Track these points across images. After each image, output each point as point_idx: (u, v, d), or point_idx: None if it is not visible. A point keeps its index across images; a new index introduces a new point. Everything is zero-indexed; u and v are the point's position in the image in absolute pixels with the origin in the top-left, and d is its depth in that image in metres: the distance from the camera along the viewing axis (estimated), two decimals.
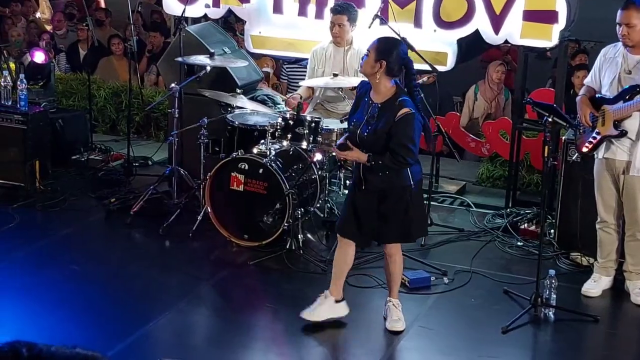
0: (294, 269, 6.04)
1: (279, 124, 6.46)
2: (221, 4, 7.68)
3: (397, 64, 4.83)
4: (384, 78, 4.83)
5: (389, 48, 4.85)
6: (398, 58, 4.83)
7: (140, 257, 6.29)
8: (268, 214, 6.13)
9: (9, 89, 7.46)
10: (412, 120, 4.77)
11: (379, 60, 4.79)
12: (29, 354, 1.18)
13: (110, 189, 7.46)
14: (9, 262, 6.05)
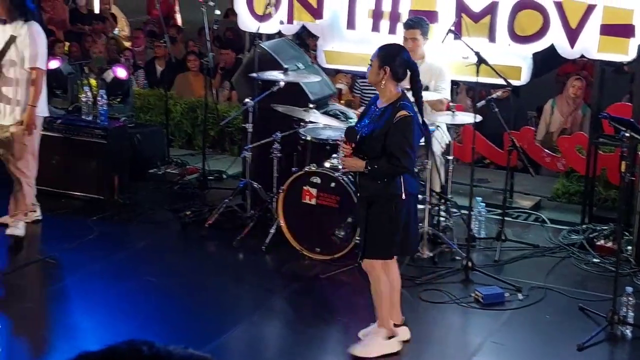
0: (365, 283, 6.03)
1: None
2: (295, 21, 7.76)
3: (401, 68, 4.85)
4: (389, 83, 4.85)
5: (392, 54, 4.91)
6: (401, 62, 4.86)
7: (214, 270, 6.39)
8: (340, 228, 6.16)
9: (90, 104, 7.66)
10: (410, 124, 4.75)
11: (382, 67, 4.83)
12: (149, 352, 1.19)
13: (186, 202, 7.59)
14: (88, 273, 6.20)
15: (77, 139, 7.51)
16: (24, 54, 6.38)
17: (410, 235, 4.99)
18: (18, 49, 6.37)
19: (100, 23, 13.54)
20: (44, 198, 7.17)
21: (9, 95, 6.44)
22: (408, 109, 4.78)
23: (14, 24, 6.38)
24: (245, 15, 7.97)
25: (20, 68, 6.42)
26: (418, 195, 5.12)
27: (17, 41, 6.36)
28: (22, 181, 6.54)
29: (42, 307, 5.79)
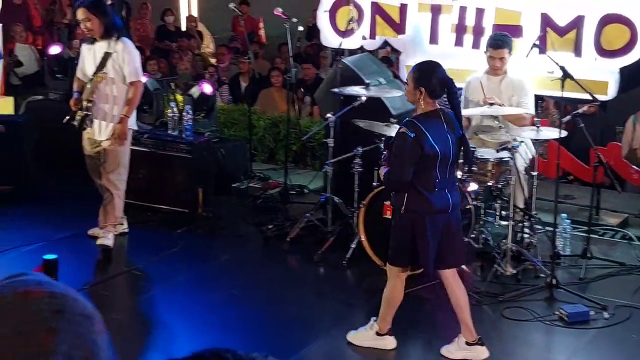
0: (446, 299, 5.99)
1: None
2: (377, 36, 7.78)
3: (437, 86, 4.90)
4: (426, 102, 4.91)
5: (426, 74, 4.95)
6: (437, 81, 4.90)
7: (295, 283, 6.43)
8: None
9: (176, 119, 7.82)
10: (402, 140, 4.86)
11: (418, 88, 4.90)
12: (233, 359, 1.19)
13: (268, 216, 7.66)
14: (172, 284, 6.32)
15: (163, 154, 7.67)
16: (123, 70, 6.52)
17: (421, 251, 4.99)
18: (114, 65, 6.52)
19: (187, 40, 13.81)
20: (130, 211, 7.33)
21: (105, 111, 6.58)
22: (410, 126, 4.85)
23: (106, 41, 6.53)
24: (327, 31, 8.03)
25: (119, 84, 6.55)
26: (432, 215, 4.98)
27: (113, 57, 6.51)
28: (113, 193, 6.69)
29: (128, 318, 5.91)
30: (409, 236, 4.98)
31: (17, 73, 11.43)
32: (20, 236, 6.97)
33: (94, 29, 6.50)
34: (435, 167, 4.91)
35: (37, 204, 7.01)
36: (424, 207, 4.94)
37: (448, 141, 4.93)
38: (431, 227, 4.96)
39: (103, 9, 6.58)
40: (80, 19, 6.53)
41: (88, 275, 6.46)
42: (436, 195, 4.94)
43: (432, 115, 4.93)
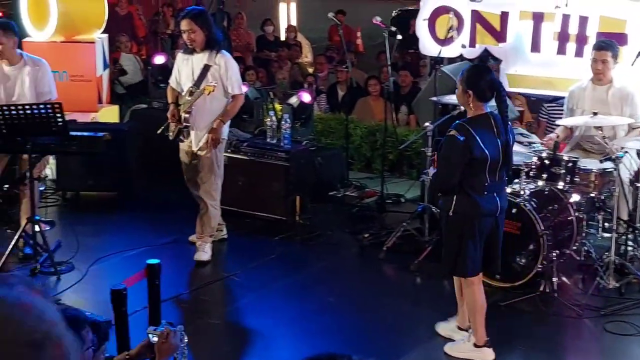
0: (547, 312, 5.89)
1: (534, 163, 6.36)
2: (477, 44, 7.71)
3: (486, 89, 4.95)
4: (476, 105, 4.96)
5: (475, 77, 5.00)
6: (486, 84, 4.95)
7: (391, 292, 6.41)
8: (521, 255, 6.04)
9: (274, 128, 7.91)
10: (451, 144, 4.90)
11: (466, 91, 4.96)
12: None
13: (364, 225, 7.67)
14: (270, 291, 6.38)
15: (262, 162, 7.76)
16: (223, 83, 6.60)
17: (466, 257, 5.06)
18: (214, 77, 6.58)
19: (286, 50, 13.97)
20: (229, 217, 7.46)
21: (203, 123, 6.65)
22: (460, 129, 4.88)
23: (206, 54, 6.60)
24: (426, 39, 8.00)
25: (217, 96, 6.59)
26: (481, 218, 5.04)
27: (213, 70, 6.58)
28: (208, 204, 6.80)
29: (226, 324, 6.00)
30: (458, 238, 5.05)
31: (122, 82, 11.77)
32: (124, 241, 7.18)
33: (197, 40, 6.57)
34: (485, 171, 4.95)
35: (141, 210, 7.20)
36: (473, 210, 4.99)
37: (497, 145, 4.96)
38: (479, 230, 5.03)
39: (207, 21, 6.65)
40: (184, 29, 6.60)
41: (188, 280, 6.59)
42: (485, 198, 5.00)
43: (482, 119, 4.98)
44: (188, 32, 6.57)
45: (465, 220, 5.01)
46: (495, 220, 5.11)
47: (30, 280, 1.31)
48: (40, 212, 6.80)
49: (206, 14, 6.77)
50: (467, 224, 5.02)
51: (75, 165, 8.10)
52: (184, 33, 6.64)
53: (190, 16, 6.58)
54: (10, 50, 6.78)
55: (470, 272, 5.15)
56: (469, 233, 5.03)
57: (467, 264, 5.10)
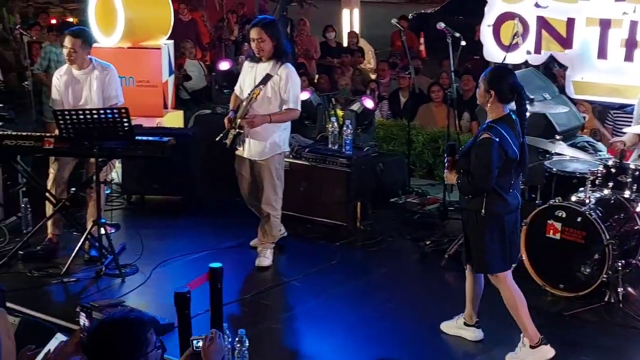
0: (612, 323, 5.79)
1: (600, 172, 6.27)
2: (542, 50, 7.63)
3: (507, 91, 5.03)
4: (495, 106, 5.06)
5: (498, 77, 5.08)
6: (508, 86, 5.02)
7: (452, 300, 6.34)
8: (586, 264, 5.95)
9: (336, 134, 7.93)
10: (488, 146, 4.94)
11: (488, 90, 5.03)
12: None
13: (426, 232, 7.63)
14: (330, 296, 6.39)
15: (323, 167, 7.78)
16: (282, 95, 6.58)
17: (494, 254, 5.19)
18: (274, 87, 6.55)
19: (349, 56, 13.99)
20: (290, 223, 7.50)
21: (257, 131, 6.60)
22: (493, 131, 4.96)
23: (271, 63, 6.56)
24: (491, 45, 7.96)
25: (274, 106, 6.58)
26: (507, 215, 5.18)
27: (274, 80, 6.55)
28: (269, 215, 6.83)
29: (286, 328, 6.02)
30: (490, 237, 5.17)
31: (186, 88, 11.94)
32: (187, 245, 7.26)
33: (265, 50, 6.53)
34: (511, 170, 5.11)
35: (204, 214, 7.28)
36: (504, 208, 5.14)
37: (517, 145, 5.09)
38: (508, 227, 5.19)
39: (277, 31, 6.59)
40: (253, 37, 6.56)
41: (250, 284, 6.63)
42: (511, 195, 5.16)
43: (507, 119, 5.09)
44: (257, 40, 6.53)
45: (497, 218, 5.15)
46: (517, 216, 5.29)
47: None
48: (106, 215, 6.93)
49: (276, 24, 6.70)
50: (498, 223, 5.16)
51: (140, 170, 8.24)
52: (252, 41, 6.60)
53: (261, 25, 6.55)
54: (81, 57, 6.93)
55: (504, 267, 5.27)
56: (500, 231, 5.17)
57: (500, 261, 5.23)
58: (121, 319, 3.28)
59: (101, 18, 9.32)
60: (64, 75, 7.00)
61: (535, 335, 5.24)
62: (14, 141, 6.72)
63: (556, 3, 7.49)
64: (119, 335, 3.22)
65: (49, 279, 6.56)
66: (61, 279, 6.53)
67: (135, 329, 3.25)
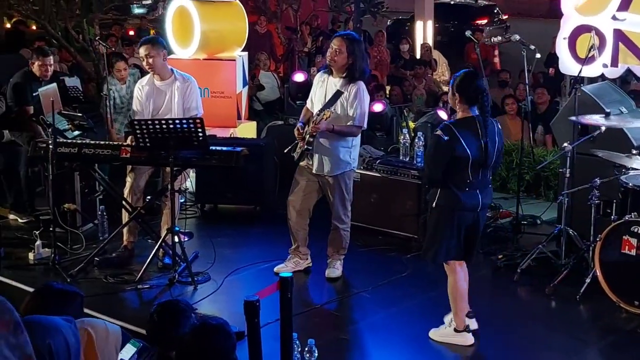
0: None
1: None
2: (619, 64, 7.50)
3: (472, 94, 5.39)
4: (462, 107, 5.45)
5: (464, 82, 5.43)
6: (473, 89, 5.39)
7: (525, 315, 6.30)
8: None
9: (407, 145, 7.92)
10: (434, 142, 5.43)
11: (454, 94, 5.45)
12: None
13: (498, 246, 7.56)
14: (400, 309, 6.38)
15: (394, 179, 7.78)
16: (348, 111, 6.54)
17: (440, 244, 5.57)
18: (343, 103, 6.52)
19: (422, 68, 13.97)
20: (361, 234, 7.51)
21: (326, 146, 6.63)
22: (445, 129, 5.34)
23: (343, 79, 6.55)
24: (566, 58, 7.85)
25: (342, 122, 6.55)
26: (460, 212, 5.49)
27: (343, 96, 6.52)
28: (339, 227, 6.85)
29: (355, 339, 6.04)
30: (436, 227, 5.58)
31: (259, 99, 12.07)
32: (259, 253, 7.34)
33: (338, 62, 6.52)
34: (467, 169, 5.38)
35: (276, 223, 7.33)
36: (454, 204, 5.46)
37: (481, 146, 5.37)
38: (457, 223, 5.49)
39: (358, 50, 6.56)
40: (333, 45, 6.55)
41: (320, 294, 6.67)
42: (466, 194, 5.45)
43: (467, 121, 5.42)
44: (335, 50, 6.51)
45: (445, 211, 5.50)
46: (476, 215, 5.56)
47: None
48: (180, 224, 7.04)
49: (360, 44, 6.66)
50: (446, 215, 5.50)
51: (214, 179, 8.36)
52: (330, 49, 6.59)
53: (345, 37, 6.56)
54: (161, 64, 7.05)
55: (441, 258, 5.65)
56: (448, 223, 5.51)
57: (440, 250, 5.59)
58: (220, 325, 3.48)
59: (178, 30, 9.50)
60: (145, 85, 7.15)
61: (462, 323, 5.68)
62: (93, 150, 6.90)
63: (634, 16, 7.35)
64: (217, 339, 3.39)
65: (124, 285, 6.70)
66: (135, 286, 6.66)
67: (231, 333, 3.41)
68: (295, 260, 6.95)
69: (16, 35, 16.89)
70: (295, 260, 6.95)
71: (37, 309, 3.39)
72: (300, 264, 6.97)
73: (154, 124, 6.52)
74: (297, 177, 6.85)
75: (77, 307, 3.72)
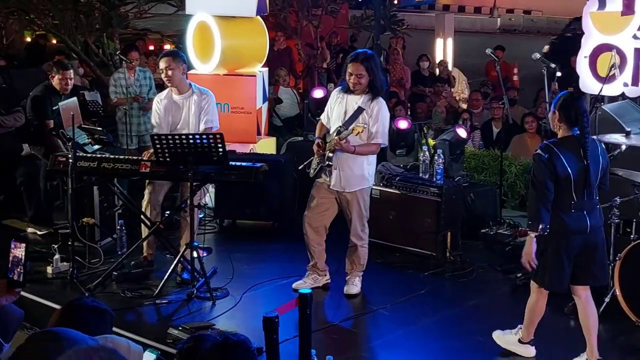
0: None
1: None
2: None
3: (572, 115, 5.30)
4: (562, 127, 5.37)
5: (566, 101, 5.38)
6: (574, 110, 5.30)
7: (544, 334, 6.24)
8: None
9: (427, 162, 7.91)
10: (536, 161, 5.31)
11: (555, 111, 5.39)
12: None
13: (517, 264, 7.47)
14: (418, 326, 6.37)
15: (414, 196, 7.77)
16: (370, 128, 6.53)
17: (545, 271, 5.42)
18: (364, 120, 6.52)
19: (441, 85, 13.95)
20: (380, 251, 7.51)
21: (344, 162, 6.61)
22: (544, 148, 5.30)
23: (363, 96, 6.55)
24: (587, 76, 7.84)
25: (363, 139, 6.55)
26: (568, 235, 5.35)
27: (364, 113, 6.53)
28: (357, 245, 6.84)
29: (373, 356, 6.02)
30: (544, 253, 5.36)
31: (279, 115, 12.09)
32: (278, 270, 7.34)
33: (362, 84, 6.53)
34: (570, 190, 5.27)
35: (295, 239, 7.33)
36: (561, 227, 5.31)
37: (583, 167, 5.27)
38: (565, 248, 5.34)
39: (375, 65, 6.59)
40: (352, 72, 6.53)
41: (338, 311, 6.66)
42: (572, 216, 5.32)
43: (568, 140, 5.33)
44: (355, 75, 6.50)
45: (553, 237, 5.32)
46: (584, 238, 5.37)
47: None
48: (199, 239, 7.05)
49: (375, 59, 6.68)
50: (554, 241, 5.34)
51: (233, 194, 8.37)
52: (349, 75, 6.55)
53: (361, 60, 6.51)
54: (179, 78, 7.09)
55: (547, 286, 5.53)
56: (555, 249, 5.34)
57: (548, 277, 5.45)
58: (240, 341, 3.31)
59: (199, 45, 9.55)
60: (164, 99, 7.19)
61: (528, 336, 5.73)
62: (112, 164, 6.93)
63: None
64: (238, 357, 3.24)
65: (142, 300, 6.71)
66: (154, 301, 6.67)
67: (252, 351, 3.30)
68: (313, 276, 6.95)
69: (37, 49, 17.03)
70: (314, 277, 6.95)
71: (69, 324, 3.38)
72: (319, 281, 6.96)
73: (174, 139, 6.54)
74: (314, 193, 6.85)
75: (108, 324, 3.72)
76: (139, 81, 9.79)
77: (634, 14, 7.45)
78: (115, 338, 3.60)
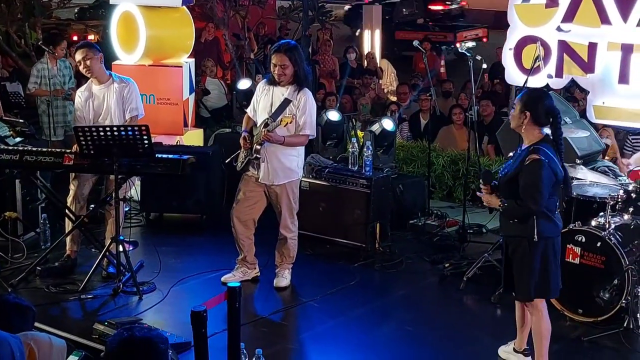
0: (630, 349, 5.74)
1: (620, 197, 6.22)
2: (564, 74, 7.60)
3: (542, 114, 5.02)
4: (530, 127, 5.04)
5: (534, 99, 5.08)
6: (544, 108, 5.02)
7: (471, 323, 6.33)
8: (605, 290, 5.91)
9: (356, 154, 7.92)
10: (539, 168, 4.90)
11: (523, 111, 5.02)
12: None
13: (445, 254, 7.60)
14: (348, 318, 6.37)
15: (343, 188, 7.77)
16: (298, 119, 6.50)
17: (550, 279, 5.14)
18: (291, 112, 6.48)
19: (369, 77, 14.01)
20: (309, 243, 7.49)
21: (272, 154, 6.56)
22: (541, 153, 4.93)
23: (289, 88, 6.51)
24: (512, 68, 7.94)
25: (290, 131, 6.53)
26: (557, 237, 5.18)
27: (291, 105, 6.48)
28: (287, 237, 6.80)
29: (303, 349, 6.01)
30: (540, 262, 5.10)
31: (206, 107, 11.98)
32: (205, 263, 7.27)
33: (287, 75, 6.49)
34: (558, 190, 5.13)
35: (223, 232, 7.26)
36: (555, 230, 5.13)
37: (562, 165, 5.11)
38: (559, 249, 5.19)
39: (299, 56, 6.55)
40: (275, 63, 6.49)
41: (268, 304, 6.62)
42: (557, 216, 5.16)
43: (548, 141, 5.07)
44: (279, 66, 6.47)
45: (549, 242, 5.10)
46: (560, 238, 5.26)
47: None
48: (125, 233, 6.93)
49: (299, 49, 6.64)
50: (550, 246, 5.11)
51: (160, 187, 8.26)
52: (274, 67, 6.51)
53: (284, 50, 6.47)
54: (98, 67, 6.96)
55: (554, 293, 5.30)
56: (552, 254, 5.13)
57: (552, 286, 5.20)
58: (145, 338, 3.23)
59: (123, 35, 9.38)
60: (84, 91, 7.06)
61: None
62: (34, 157, 6.76)
63: (578, 27, 7.46)
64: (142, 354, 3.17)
65: (67, 295, 6.58)
66: (79, 296, 6.54)
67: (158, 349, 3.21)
68: (242, 269, 6.90)
69: None
70: (243, 270, 6.90)
71: None
72: (248, 274, 6.91)
73: (98, 131, 6.43)
74: (242, 186, 6.78)
75: (30, 321, 3.63)
76: (62, 71, 9.58)
77: (557, 6, 7.57)
78: (36, 334, 3.51)
